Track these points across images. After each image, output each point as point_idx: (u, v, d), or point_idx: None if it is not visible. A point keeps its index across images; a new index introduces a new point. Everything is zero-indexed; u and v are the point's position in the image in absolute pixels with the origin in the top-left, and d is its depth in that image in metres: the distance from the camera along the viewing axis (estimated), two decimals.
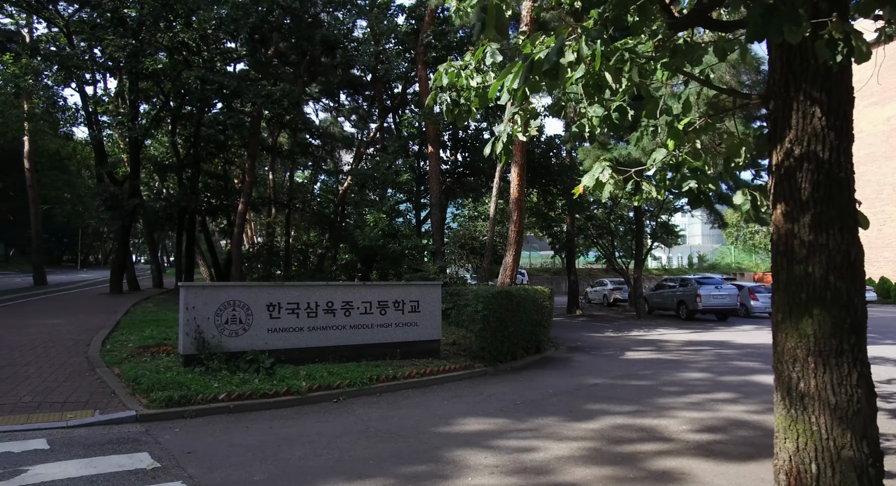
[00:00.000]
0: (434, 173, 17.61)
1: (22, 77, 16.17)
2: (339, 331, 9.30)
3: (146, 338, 10.31)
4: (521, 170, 12.52)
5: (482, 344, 10.24)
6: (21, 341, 9.75)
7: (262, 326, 8.67)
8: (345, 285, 9.56)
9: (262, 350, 8.53)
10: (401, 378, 8.80)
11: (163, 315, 13.58)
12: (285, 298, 8.88)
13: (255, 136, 18.73)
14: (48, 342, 9.79)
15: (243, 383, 7.64)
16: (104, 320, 12.72)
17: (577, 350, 13.57)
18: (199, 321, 8.17)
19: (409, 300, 9.98)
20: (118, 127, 16.59)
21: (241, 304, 8.52)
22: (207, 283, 7.94)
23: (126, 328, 11.52)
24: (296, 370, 8.43)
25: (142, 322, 12.33)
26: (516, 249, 12.48)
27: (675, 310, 23.88)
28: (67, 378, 7.65)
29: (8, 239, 54.93)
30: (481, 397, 8.30)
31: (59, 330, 11.19)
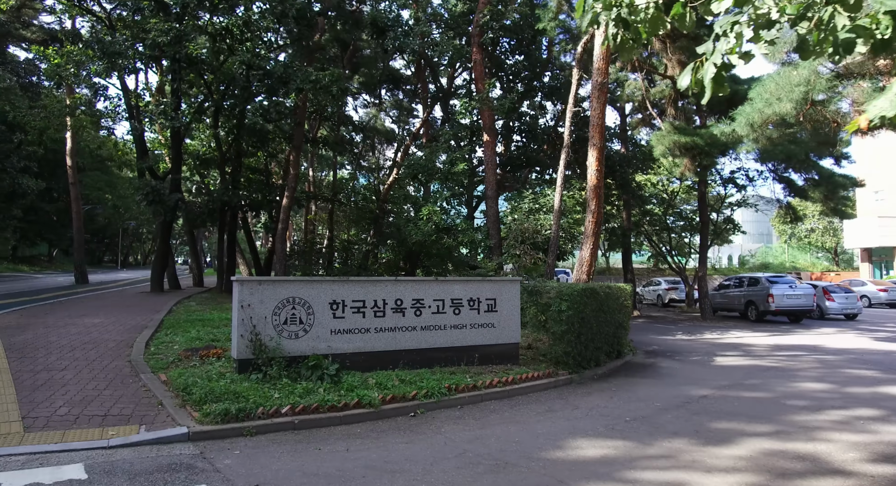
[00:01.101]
0: (490, 163, 16.42)
1: (64, 67, 15.57)
2: (409, 333, 8.17)
3: (192, 339, 9.37)
4: (600, 153, 11.23)
5: (566, 348, 9.01)
6: (60, 342, 8.90)
7: (325, 327, 7.60)
8: (415, 281, 8.44)
9: (325, 354, 7.46)
10: (482, 388, 7.64)
11: (207, 315, 12.69)
12: (350, 295, 7.79)
13: (299, 126, 17.83)
14: (88, 344, 8.92)
15: (307, 394, 6.57)
16: (146, 320, 11.88)
17: (656, 355, 12.24)
18: (255, 322, 7.14)
19: (485, 298, 8.80)
20: (161, 116, 15.80)
21: (301, 302, 7.47)
22: (264, 277, 6.87)
23: (170, 329, 10.63)
24: (363, 378, 7.34)
25: (186, 322, 11.44)
26: (594, 242, 11.21)
27: (741, 311, 22.19)
28: (109, 386, 6.69)
29: (51, 239, 55.54)
30: (579, 411, 7.08)
31: (99, 330, 10.35)
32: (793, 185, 21.02)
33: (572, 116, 14.65)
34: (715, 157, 14.77)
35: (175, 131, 18.21)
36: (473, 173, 18.19)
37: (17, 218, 40.60)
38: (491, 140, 16.60)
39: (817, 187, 18.92)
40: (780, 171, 21.04)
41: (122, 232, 72.19)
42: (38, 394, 6.25)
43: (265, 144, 20.34)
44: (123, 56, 15.08)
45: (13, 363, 7.39)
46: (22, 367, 7.25)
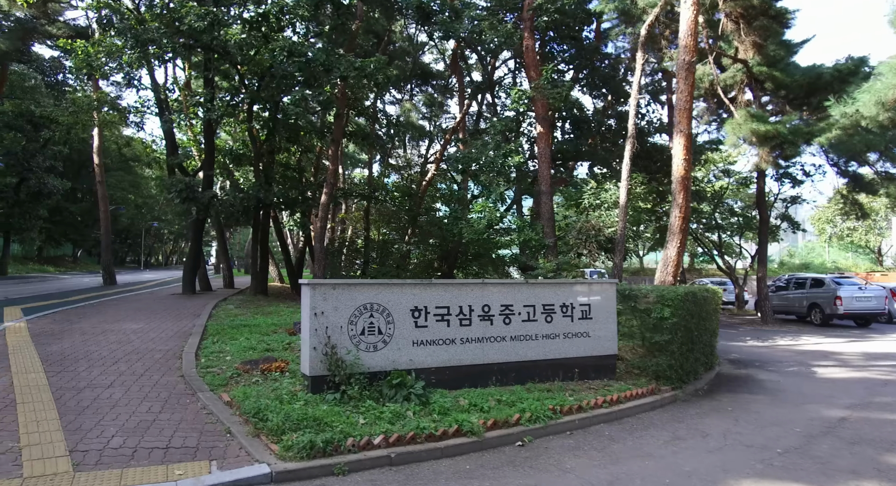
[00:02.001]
0: (543, 156, 15.31)
1: (95, 57, 14.78)
2: (498, 344, 7.11)
3: (245, 349, 8.40)
4: (687, 141, 10.08)
5: (669, 361, 7.90)
6: (101, 353, 7.97)
7: (406, 337, 6.57)
8: (503, 284, 7.38)
9: (406, 369, 6.42)
10: (587, 409, 6.56)
11: (252, 320, 11.74)
12: (433, 300, 6.75)
13: (339, 118, 16.86)
14: (132, 354, 7.98)
15: (396, 418, 5.55)
16: (188, 325, 10.97)
17: (744, 365, 11.07)
18: (330, 332, 6.12)
19: (578, 304, 7.70)
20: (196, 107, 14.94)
21: (380, 308, 6.44)
22: (338, 281, 5.83)
23: (216, 336, 9.68)
24: (454, 398, 6.31)
25: (231, 328, 10.50)
26: (681, 239, 10.06)
27: (802, 314, 20.83)
28: (164, 407, 5.72)
29: (76, 240, 55.42)
30: (712, 439, 5.98)
31: (141, 338, 9.43)
32: (858, 179, 19.63)
33: (637, 103, 13.48)
34: (798, 146, 13.54)
35: (208, 125, 17.34)
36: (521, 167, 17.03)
37: (43, 218, 40.25)
38: (545, 132, 15.48)
39: (892, 182, 17.54)
40: (841, 165, 19.66)
41: (144, 232, 72.11)
42: (85, 418, 5.28)
43: (298, 139, 19.40)
44: (157, 43, 14.20)
45: (52, 378, 6.46)
46: (63, 383, 6.31)
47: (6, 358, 7.36)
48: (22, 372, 6.63)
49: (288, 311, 13.85)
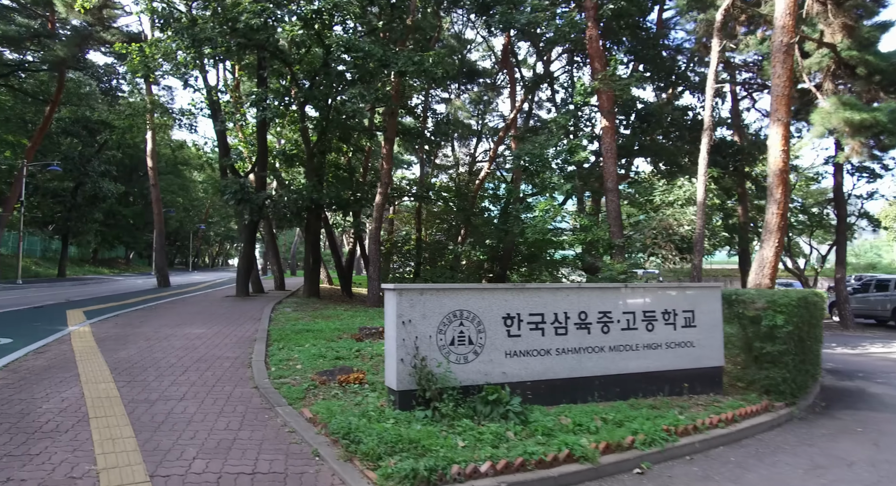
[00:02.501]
0: (609, 152, 14.50)
1: (152, 58, 14.73)
2: (596, 355, 6.43)
3: (314, 357, 7.94)
4: (786, 130, 9.17)
5: (783, 373, 7.07)
6: (168, 360, 7.62)
7: (498, 347, 5.96)
8: (600, 289, 6.70)
9: (499, 383, 5.81)
10: (703, 429, 5.82)
11: (313, 324, 11.34)
12: (526, 307, 6.12)
13: (393, 116, 16.42)
14: (199, 362, 7.61)
15: (499, 440, 4.94)
16: (250, 331, 10.63)
17: (845, 376, 10.09)
18: (418, 342, 5.56)
19: (681, 310, 6.96)
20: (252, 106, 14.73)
21: (470, 316, 5.85)
22: (426, 285, 5.23)
23: (281, 342, 9.28)
24: (554, 417, 5.66)
25: (294, 333, 10.10)
26: (779, 238, 9.16)
27: (885, 318, 19.41)
28: (243, 424, 5.25)
29: (128, 242, 56.88)
30: (859, 468, 5.19)
31: (206, 344, 9.09)
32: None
33: (714, 93, 12.56)
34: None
35: (261, 125, 17.16)
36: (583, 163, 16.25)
37: (98, 221, 41.30)
38: (610, 125, 14.65)
39: None
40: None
41: (192, 235, 73.71)
42: (161, 437, 4.85)
43: (349, 138, 19.07)
44: (212, 43, 14.01)
45: (123, 389, 6.09)
46: (134, 394, 5.93)
47: (75, 366, 7.07)
48: (92, 382, 6.29)
49: (347, 315, 13.44)
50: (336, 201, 17.96)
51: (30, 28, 26.67)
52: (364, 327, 10.02)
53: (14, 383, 6.20)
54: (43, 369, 6.91)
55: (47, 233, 42.50)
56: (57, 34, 27.88)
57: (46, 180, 36.48)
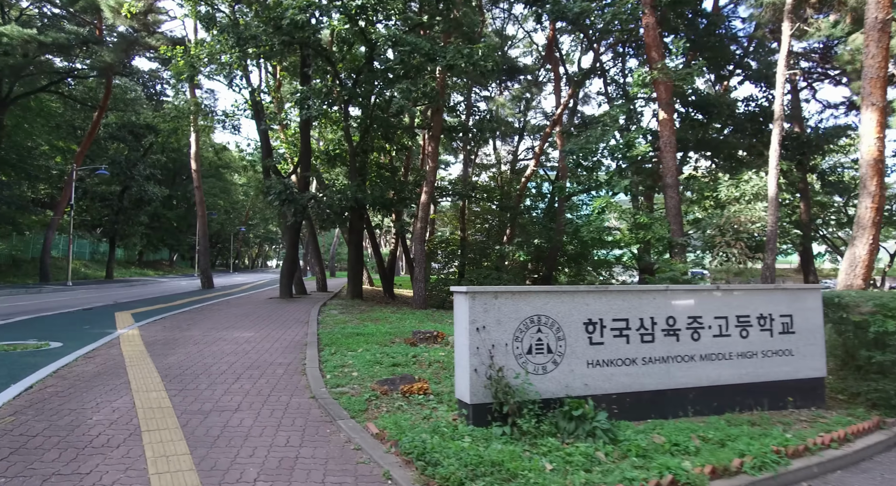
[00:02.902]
0: (668, 145, 13.70)
1: (198, 58, 14.63)
2: (686, 365, 5.79)
3: (370, 364, 7.49)
4: (882, 116, 8.30)
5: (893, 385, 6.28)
6: (219, 367, 7.28)
7: (579, 356, 5.38)
8: (689, 291, 6.04)
9: (581, 396, 5.24)
10: (814, 450, 5.12)
11: (363, 328, 10.93)
12: (609, 311, 5.53)
13: (438, 113, 15.96)
14: (252, 368, 7.24)
15: (590, 463, 4.37)
16: (299, 334, 10.27)
17: None
18: (494, 351, 5.03)
19: (778, 315, 6.24)
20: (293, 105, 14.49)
21: (548, 322, 5.29)
22: (500, 288, 4.65)
23: (332, 346, 8.87)
24: (645, 434, 5.05)
25: (344, 337, 9.69)
26: (874, 234, 8.30)
27: None
28: (304, 440, 4.80)
29: (172, 245, 58.04)
30: None
31: (255, 348, 8.75)
32: None
33: (786, 80, 11.66)
34: None
35: (304, 125, 16.93)
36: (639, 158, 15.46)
37: (144, 224, 42.12)
38: (669, 118, 13.86)
39: None
40: None
41: (233, 237, 74.91)
42: (218, 454, 4.43)
43: (392, 137, 18.70)
44: (257, 40, 13.79)
45: (175, 399, 5.73)
46: (186, 405, 5.56)
47: (124, 372, 6.77)
48: (142, 391, 5.96)
49: (395, 317, 13.01)
50: (379, 201, 17.60)
51: (79, 35, 27.21)
52: (417, 331, 9.55)
53: (63, 391, 5.91)
54: (92, 375, 6.63)
55: (95, 236, 43.59)
56: (104, 41, 28.40)
57: (94, 184, 37.35)
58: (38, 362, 7.21)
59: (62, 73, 33.52)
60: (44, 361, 7.26)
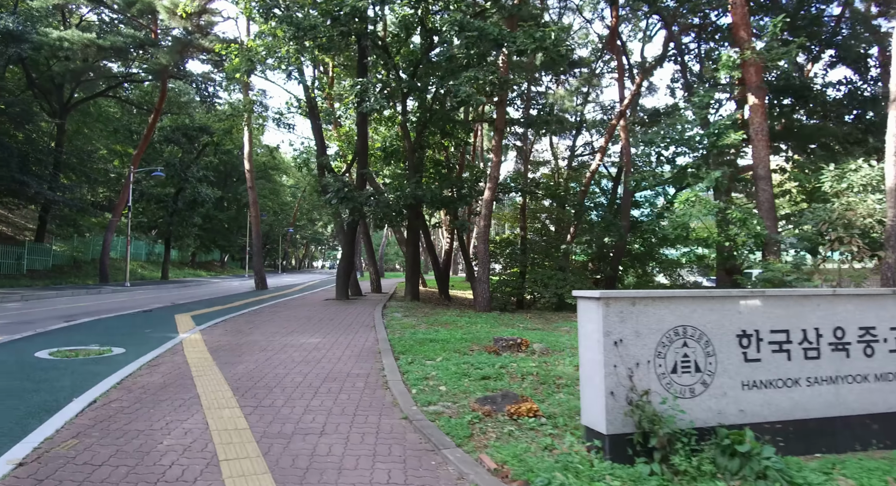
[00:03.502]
0: (760, 133, 12.46)
1: (256, 51, 14.21)
2: (859, 386, 4.76)
3: (457, 376, 6.69)
4: None
5: None
6: (292, 378, 6.60)
7: (732, 376, 4.43)
8: (859, 296, 4.99)
9: (736, 425, 4.29)
10: None
11: (434, 333, 10.15)
12: (766, 320, 4.56)
13: (502, 105, 15.10)
14: (328, 380, 6.53)
15: None
16: (368, 340, 9.57)
17: None
18: (634, 371, 4.13)
19: None
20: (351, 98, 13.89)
21: (695, 334, 4.36)
22: (636, 292, 3.72)
23: (408, 354, 8.12)
24: (826, 475, 4.06)
25: (417, 344, 8.94)
26: None
27: None
28: (408, 476, 4.01)
29: (223, 246, 58.91)
30: None
31: (326, 356, 8.08)
32: None
33: None
34: None
35: (361, 120, 16.33)
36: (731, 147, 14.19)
37: (198, 225, 42.68)
38: (760, 103, 12.62)
39: None
40: None
41: (281, 238, 75.76)
42: None
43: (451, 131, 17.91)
44: (315, 31, 13.22)
45: (251, 418, 5.04)
46: (265, 426, 4.86)
47: (192, 384, 6.16)
48: (214, 407, 5.30)
49: (463, 321, 12.22)
50: (438, 200, 16.85)
51: (135, 38, 27.50)
52: (499, 337, 8.70)
53: (129, 406, 5.31)
54: (159, 387, 6.03)
55: (151, 237, 44.44)
56: (159, 43, 28.64)
57: (150, 186, 37.98)
58: (101, 370, 6.69)
59: (119, 77, 34.18)
60: (107, 369, 6.73)
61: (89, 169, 32.26)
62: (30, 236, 31.44)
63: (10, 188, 25.86)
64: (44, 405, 5.20)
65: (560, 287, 16.55)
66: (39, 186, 25.49)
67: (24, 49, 24.61)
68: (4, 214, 33.67)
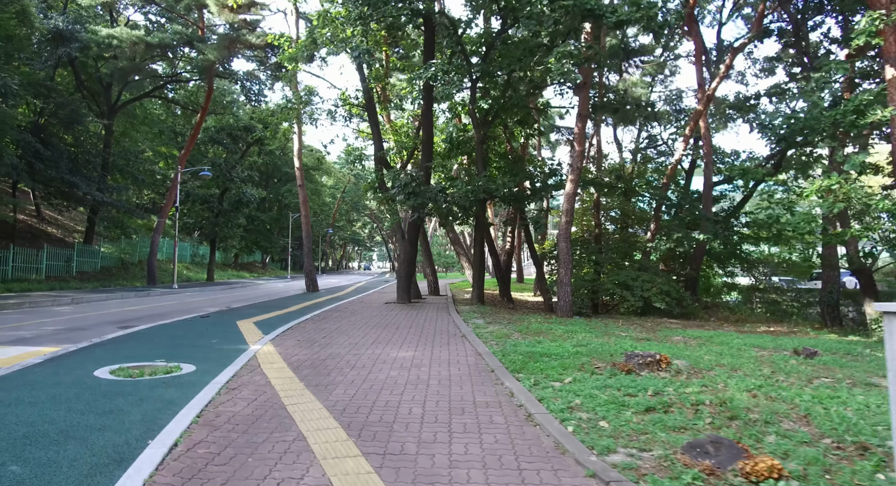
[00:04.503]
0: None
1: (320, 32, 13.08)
2: None
3: (612, 406, 5.28)
4: None
5: None
6: (409, 408, 5.30)
7: None
8: None
9: None
10: None
11: (536, 344, 8.74)
12: None
13: (585, 88, 13.61)
14: (454, 412, 5.20)
15: None
16: (467, 354, 8.24)
17: None
18: None
19: None
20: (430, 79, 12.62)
21: None
22: None
23: (525, 373, 6.75)
24: None
25: (526, 358, 7.57)
26: None
27: None
28: None
29: (265, 247, 58.57)
30: None
31: (429, 374, 6.78)
32: None
33: None
34: None
35: (427, 109, 15.04)
36: None
37: (243, 226, 42.23)
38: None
39: None
40: None
41: (321, 239, 75.38)
42: None
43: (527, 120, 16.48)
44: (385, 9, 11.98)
45: (384, 472, 3.73)
46: (391, 472, 3.54)
47: (288, 418, 4.89)
48: (331, 456, 4.01)
49: (559, 330, 10.77)
50: (510, 194, 15.44)
51: (183, 35, 26.91)
52: (632, 353, 7.22)
53: (220, 453, 4.06)
54: (249, 421, 4.79)
55: (195, 239, 44.21)
56: (207, 40, 28.00)
57: (196, 187, 37.64)
58: (174, 396, 5.50)
59: (166, 77, 33.83)
60: (180, 395, 5.54)
61: (136, 170, 31.92)
62: (78, 238, 31.24)
63: (61, 190, 25.53)
64: (113, 452, 4.00)
65: (646, 290, 14.96)
66: (88, 188, 25.06)
67: (73, 49, 24.21)
68: (54, 217, 33.63)
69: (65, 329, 11.55)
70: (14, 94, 18.83)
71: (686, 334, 10.74)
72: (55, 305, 17.21)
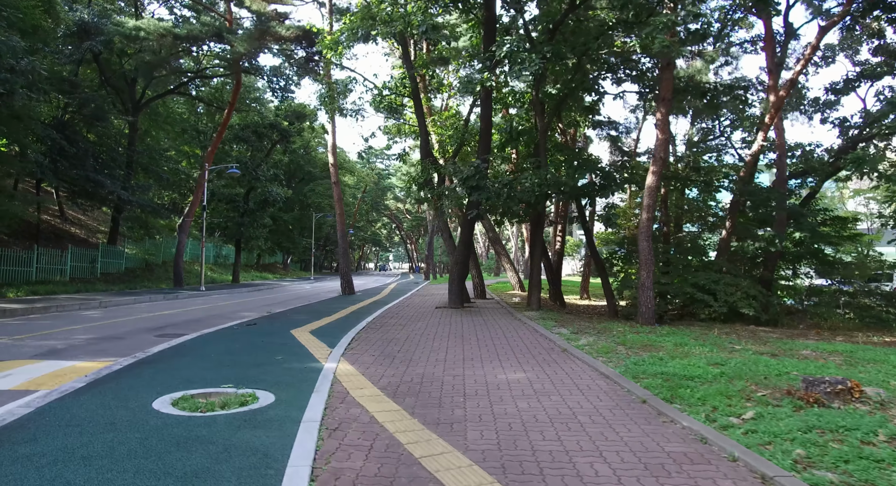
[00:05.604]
0: None
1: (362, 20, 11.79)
2: None
3: (856, 462, 3.89)
4: None
5: None
6: (583, 459, 3.94)
7: None
8: None
9: None
10: None
11: (663, 364, 7.28)
12: None
13: (669, 69, 12.20)
14: (649, 466, 3.84)
15: None
16: (590, 376, 6.88)
17: None
18: None
19: None
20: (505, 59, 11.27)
21: None
22: None
23: (683, 404, 5.36)
24: None
25: (661, 380, 6.19)
26: None
27: None
28: None
29: (287, 247, 57.58)
30: None
31: (570, 408, 5.40)
32: None
33: None
34: None
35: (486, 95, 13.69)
36: None
37: (268, 227, 41.17)
38: None
39: None
40: None
41: None
42: None
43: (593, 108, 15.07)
44: None
45: None
46: None
47: (435, 481, 3.56)
48: None
49: (667, 342, 9.32)
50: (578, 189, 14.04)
51: (211, 26, 25.85)
52: (812, 377, 5.79)
53: None
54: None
55: (218, 239, 43.22)
56: (235, 31, 26.89)
57: (221, 186, 36.65)
58: (266, 444, 4.18)
59: (190, 74, 32.82)
60: (273, 442, 4.22)
61: (161, 169, 30.93)
62: (102, 239, 30.30)
63: (86, 189, 24.53)
64: None
65: (730, 294, 13.47)
66: (114, 186, 24.03)
67: (99, 43, 23.21)
68: (77, 216, 32.77)
69: (98, 338, 10.39)
70: (42, 81, 17.78)
71: (812, 347, 9.25)
72: (83, 309, 16.12)
